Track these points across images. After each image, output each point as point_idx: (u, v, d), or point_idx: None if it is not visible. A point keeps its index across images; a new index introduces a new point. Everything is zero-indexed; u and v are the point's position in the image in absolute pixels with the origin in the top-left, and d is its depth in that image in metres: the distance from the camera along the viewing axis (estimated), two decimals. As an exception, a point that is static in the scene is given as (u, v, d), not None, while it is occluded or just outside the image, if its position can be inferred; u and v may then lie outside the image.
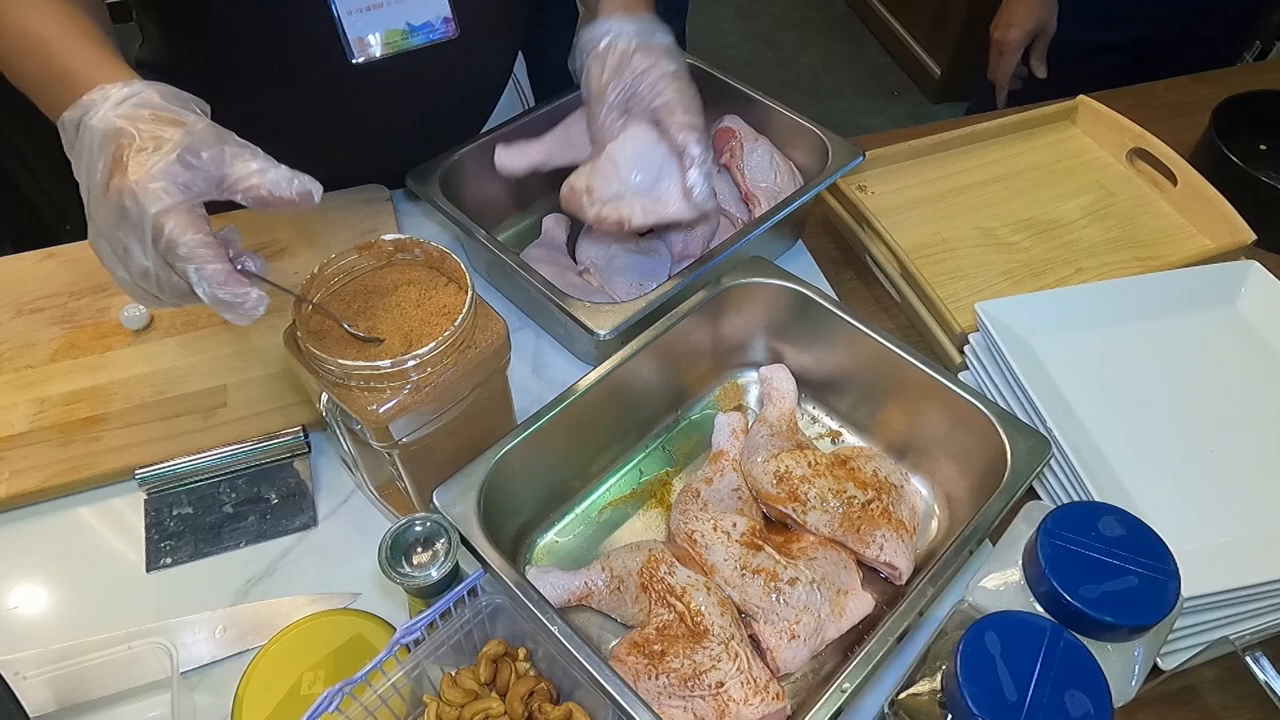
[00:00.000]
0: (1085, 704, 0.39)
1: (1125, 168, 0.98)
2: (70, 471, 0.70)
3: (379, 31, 0.73)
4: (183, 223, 0.49)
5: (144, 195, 0.48)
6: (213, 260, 0.49)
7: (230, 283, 0.50)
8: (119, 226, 0.50)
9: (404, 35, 0.74)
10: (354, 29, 0.72)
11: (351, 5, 0.71)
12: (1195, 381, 0.74)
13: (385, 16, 0.73)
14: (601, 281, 0.81)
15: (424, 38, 0.75)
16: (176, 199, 0.49)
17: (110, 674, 0.60)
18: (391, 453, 0.59)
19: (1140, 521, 0.46)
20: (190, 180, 0.50)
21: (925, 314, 0.82)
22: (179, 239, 0.49)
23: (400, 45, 0.75)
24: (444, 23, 0.75)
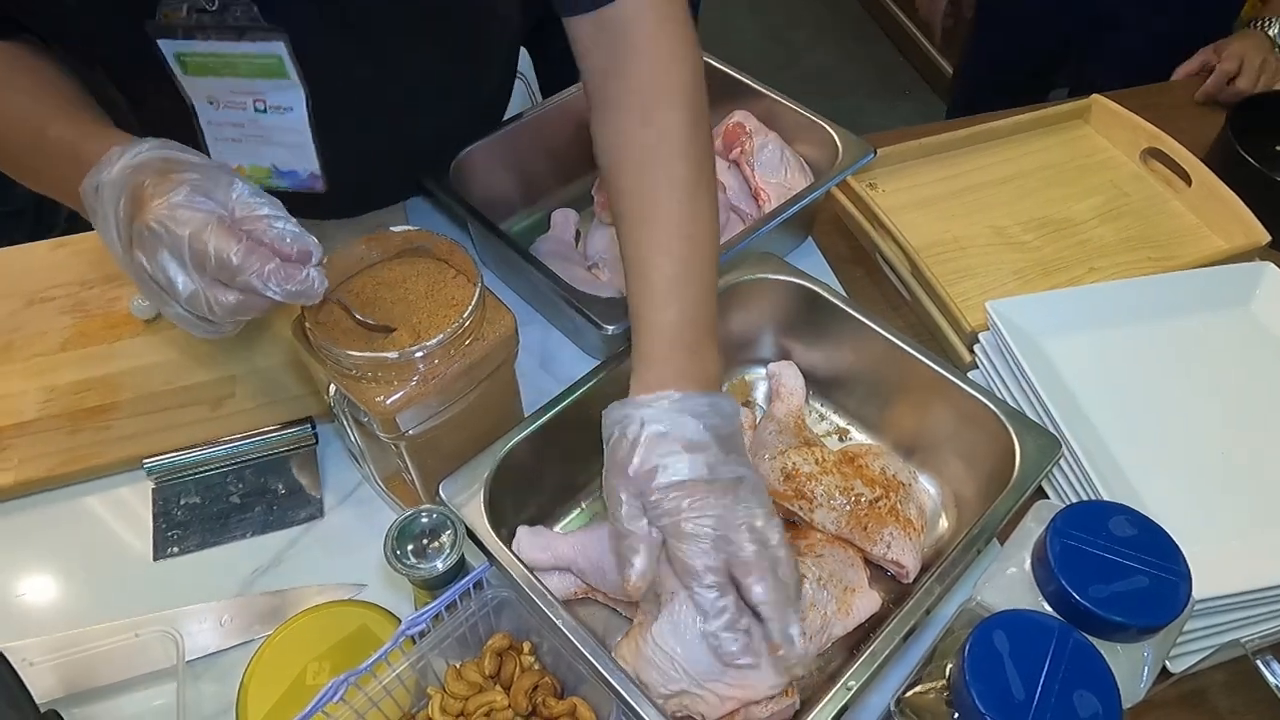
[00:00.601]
0: (1094, 704, 0.39)
1: (1139, 167, 0.97)
2: (79, 460, 0.70)
3: (245, 164, 0.70)
4: (222, 236, 0.48)
5: (172, 221, 0.48)
6: (267, 259, 0.48)
7: (294, 274, 0.49)
8: (155, 258, 0.49)
9: (269, 175, 0.71)
10: (219, 155, 0.69)
11: (218, 134, 0.68)
12: (1208, 383, 0.73)
13: (251, 153, 0.69)
14: (610, 276, 0.81)
15: (289, 183, 0.72)
16: (206, 218, 0.48)
17: (116, 661, 0.60)
18: (398, 444, 0.59)
19: (1151, 521, 0.45)
20: (212, 205, 0.50)
21: (935, 312, 0.82)
22: (226, 252, 0.48)
23: (265, 183, 0.71)
24: (311, 176, 0.71)
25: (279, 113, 0.66)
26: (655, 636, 0.54)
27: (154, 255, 0.49)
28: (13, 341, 0.78)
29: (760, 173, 0.85)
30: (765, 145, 0.85)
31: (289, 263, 0.49)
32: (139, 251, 0.50)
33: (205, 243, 0.48)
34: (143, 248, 0.49)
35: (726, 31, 2.77)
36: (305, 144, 0.69)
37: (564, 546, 0.61)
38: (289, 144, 0.68)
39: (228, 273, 0.49)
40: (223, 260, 0.48)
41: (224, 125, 0.68)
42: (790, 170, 0.85)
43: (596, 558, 0.60)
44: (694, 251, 0.58)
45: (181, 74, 0.64)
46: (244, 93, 0.65)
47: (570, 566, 0.62)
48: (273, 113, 0.66)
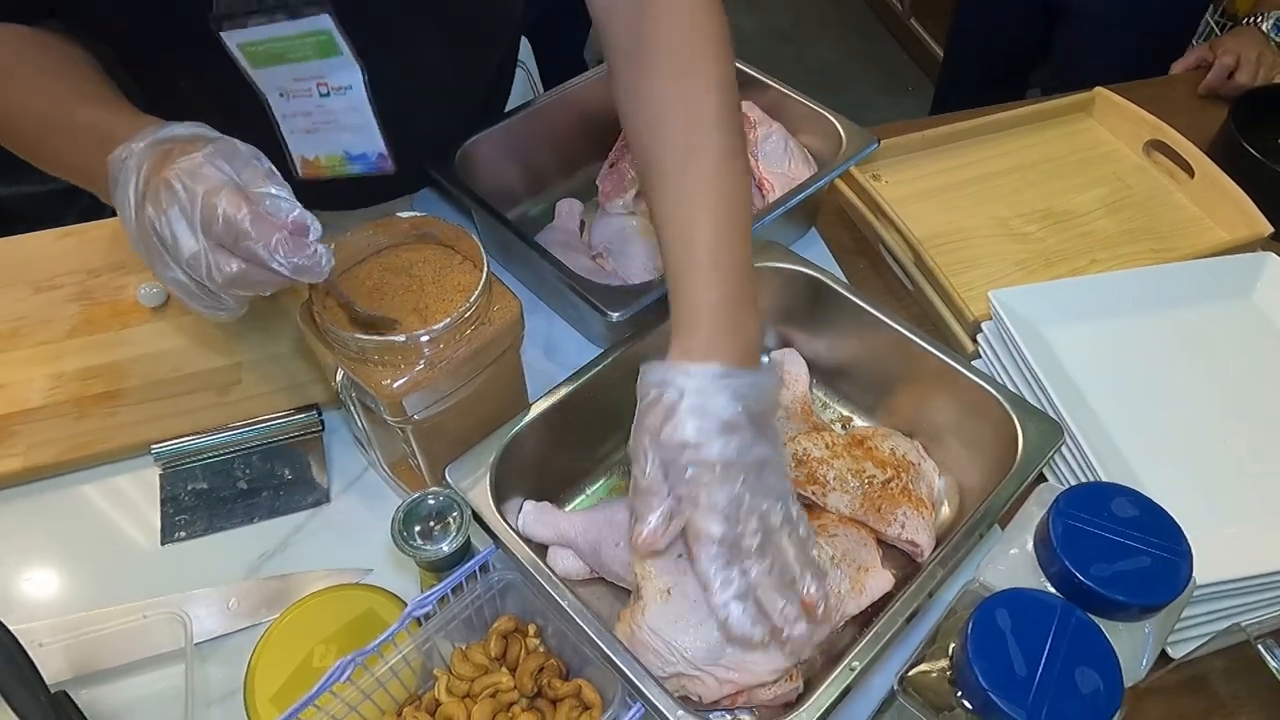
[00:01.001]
0: (1096, 680, 0.39)
1: (1141, 159, 0.98)
2: (86, 445, 0.71)
3: (321, 154, 0.71)
4: (234, 199, 0.48)
5: (189, 177, 0.48)
6: (275, 229, 0.48)
7: (299, 247, 0.49)
8: (165, 213, 0.49)
9: (342, 161, 0.72)
10: (297, 147, 0.71)
11: (294, 126, 0.69)
12: (1209, 372, 0.73)
13: (324, 141, 0.70)
14: (615, 265, 0.81)
15: (361, 167, 0.72)
16: (221, 180, 0.49)
17: (124, 643, 0.61)
18: (405, 429, 0.60)
19: (1152, 502, 0.46)
20: (230, 171, 0.50)
21: (938, 302, 0.82)
22: (236, 215, 0.47)
23: (340, 170, 0.72)
24: (379, 158, 0.72)
25: (340, 94, 0.67)
26: (650, 622, 0.55)
27: (164, 210, 0.49)
28: (20, 329, 0.78)
29: (764, 163, 0.85)
30: (769, 136, 0.86)
31: (298, 236, 0.49)
32: (149, 207, 0.50)
33: (216, 204, 0.48)
34: (154, 202, 0.49)
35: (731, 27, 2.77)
36: (368, 123, 0.69)
37: (567, 525, 0.62)
38: (354, 125, 0.69)
39: (233, 236, 0.48)
40: (230, 222, 0.48)
41: (296, 116, 0.68)
42: (794, 161, 0.86)
43: (596, 540, 0.61)
44: (735, 217, 0.58)
45: (251, 68, 0.65)
46: (307, 77, 0.66)
47: (571, 545, 0.62)
48: (335, 95, 0.67)
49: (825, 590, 0.52)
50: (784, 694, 0.56)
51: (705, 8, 0.61)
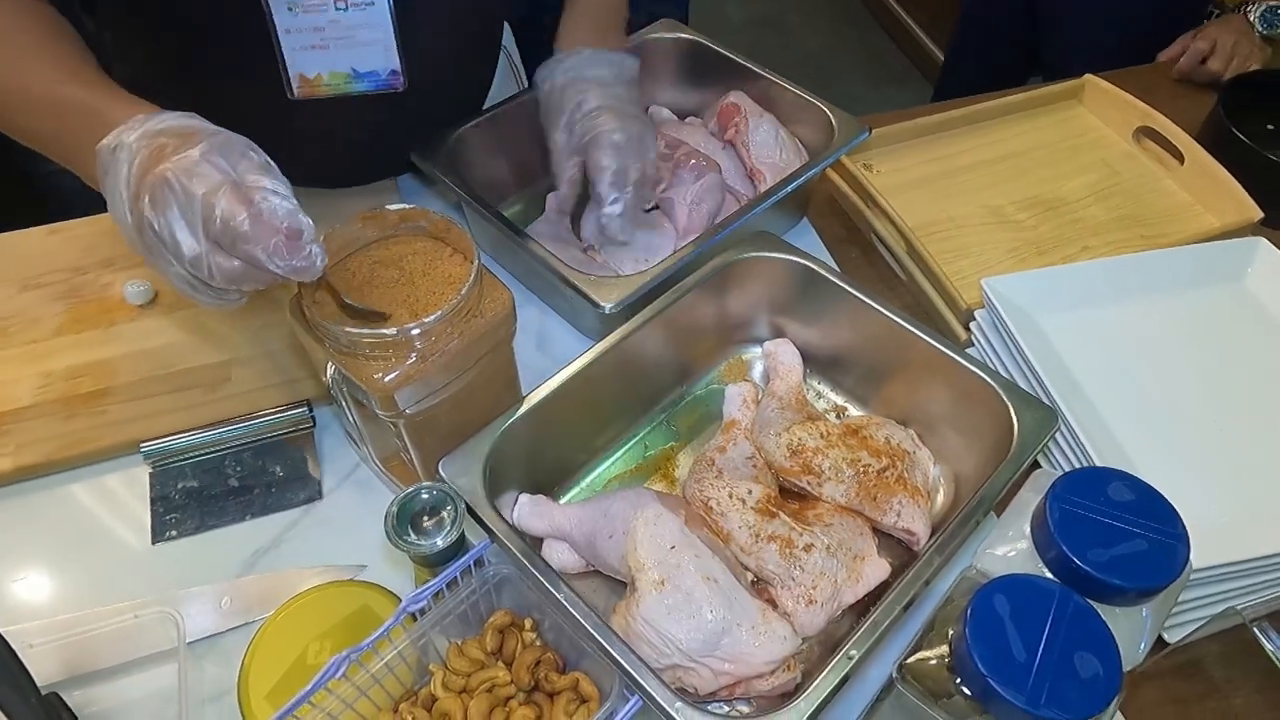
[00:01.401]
0: (1095, 665, 0.39)
1: (1131, 146, 0.98)
2: (75, 445, 0.70)
3: (325, 71, 0.71)
4: (233, 200, 0.48)
5: (188, 177, 0.48)
6: (272, 233, 0.49)
7: (296, 250, 0.49)
8: (164, 214, 0.49)
9: (347, 79, 0.71)
10: (296, 65, 0.70)
11: (297, 42, 0.69)
12: (1203, 358, 0.73)
13: (330, 58, 0.70)
14: (606, 257, 0.81)
15: (369, 85, 0.73)
16: (219, 179, 0.49)
17: (117, 643, 0.60)
18: (397, 423, 0.59)
19: (1148, 486, 0.46)
20: (226, 167, 0.50)
21: (931, 291, 0.82)
22: (235, 218, 0.48)
23: (343, 89, 0.72)
24: (391, 75, 0.72)
25: (361, 8, 0.67)
26: (644, 614, 0.55)
27: (163, 210, 0.49)
28: (6, 328, 0.77)
29: (756, 153, 0.85)
30: (760, 126, 0.85)
31: (292, 239, 0.49)
32: (147, 205, 0.49)
33: (215, 205, 0.48)
34: (152, 201, 0.49)
35: (719, 17, 2.76)
36: (387, 39, 0.70)
37: (561, 517, 0.62)
38: (371, 41, 0.70)
39: (231, 238, 0.49)
40: (229, 226, 0.48)
41: (303, 31, 0.68)
42: (786, 150, 0.85)
43: (591, 532, 0.61)
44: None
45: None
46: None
47: (566, 537, 0.62)
48: (354, 9, 0.67)
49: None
50: (782, 684, 0.56)
51: None
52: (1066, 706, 0.38)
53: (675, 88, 0.96)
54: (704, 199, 0.80)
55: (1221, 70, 1.08)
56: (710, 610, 0.55)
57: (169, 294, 0.80)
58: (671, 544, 0.58)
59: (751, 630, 0.56)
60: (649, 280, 0.71)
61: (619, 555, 0.59)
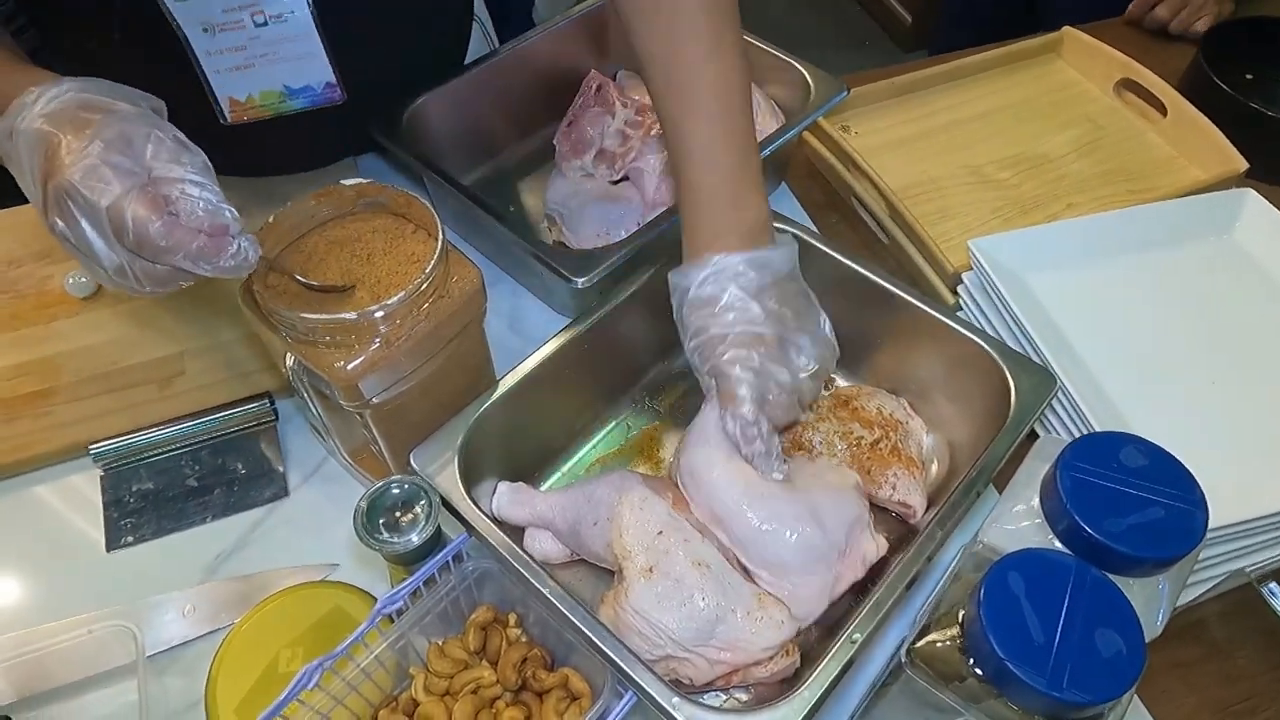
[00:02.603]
0: (1117, 641, 0.37)
1: (1113, 100, 0.95)
2: (18, 449, 0.66)
3: (255, 92, 0.66)
4: (142, 209, 0.44)
5: (86, 187, 0.44)
6: (192, 235, 0.45)
7: (224, 249, 0.46)
8: (73, 229, 0.45)
9: (281, 98, 0.67)
10: (224, 88, 0.65)
11: (220, 64, 0.64)
12: (1195, 313, 0.72)
13: (259, 77, 0.65)
14: (567, 231, 0.77)
15: (305, 101, 0.68)
16: (125, 184, 0.44)
17: (72, 660, 0.57)
18: (363, 414, 0.56)
19: (1163, 450, 0.43)
20: (130, 165, 0.45)
21: (916, 255, 0.80)
22: (147, 230, 0.44)
23: (279, 108, 0.68)
24: (327, 88, 0.67)
25: (280, 22, 0.62)
26: (634, 604, 0.52)
27: (73, 223, 0.45)
28: (-63, 327, 0.72)
29: (730, 116, 0.81)
30: (734, 87, 0.82)
31: (216, 237, 0.45)
32: (56, 217, 0.45)
33: (124, 217, 0.44)
34: (61, 213, 0.45)
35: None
36: (314, 51, 0.65)
37: (543, 505, 0.59)
38: (296, 55, 0.64)
39: (150, 250, 0.45)
40: (143, 237, 0.44)
41: (224, 53, 0.63)
42: (761, 113, 0.82)
43: (575, 519, 0.58)
44: (727, 109, 0.57)
45: (172, 1, 0.59)
46: (239, 7, 0.60)
47: (548, 526, 0.59)
48: (273, 23, 0.62)
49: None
50: (781, 670, 0.54)
51: None
52: (1090, 688, 0.36)
53: (644, 50, 0.92)
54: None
55: (1167, 17, 1.07)
56: (702, 597, 0.53)
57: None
58: (659, 528, 0.55)
59: (747, 616, 0.53)
60: (624, 252, 0.67)
61: (604, 542, 0.56)
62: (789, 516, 0.55)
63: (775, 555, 0.54)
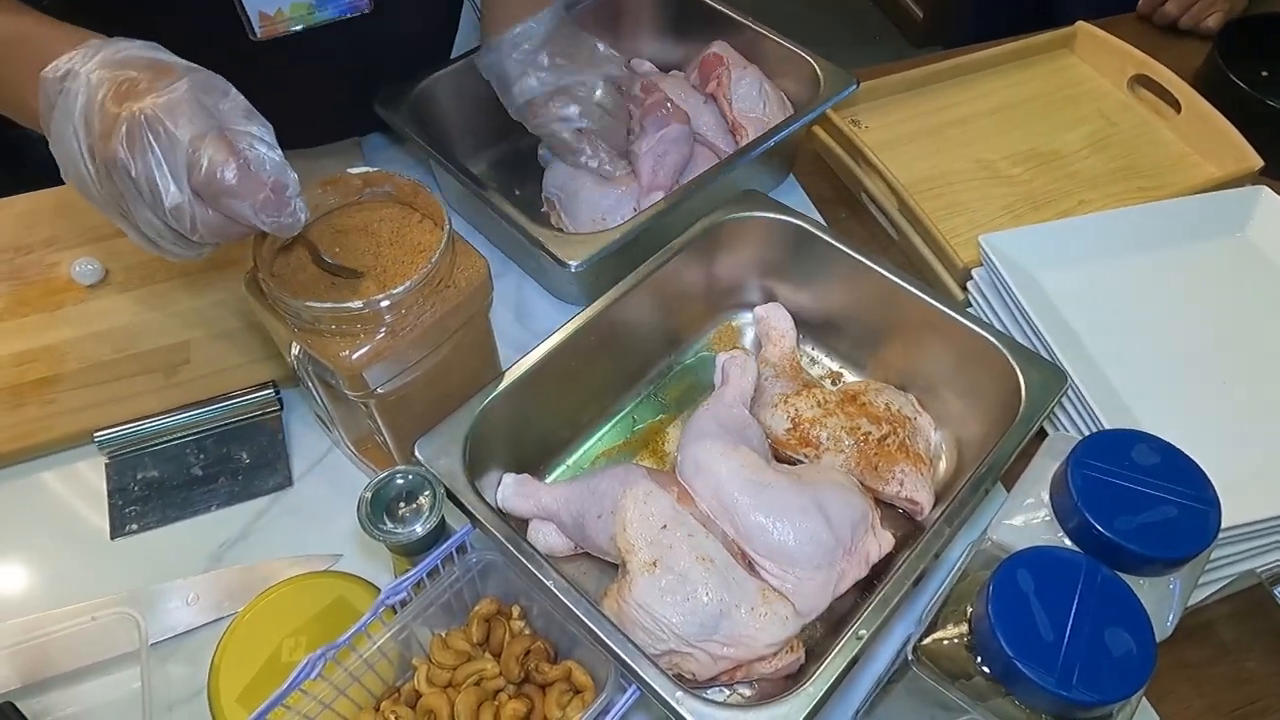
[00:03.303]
0: (1127, 641, 0.37)
1: (1126, 96, 0.94)
2: (24, 436, 0.66)
3: (285, 5, 0.67)
4: (220, 151, 0.44)
5: (172, 117, 0.44)
6: (260, 187, 0.45)
7: (285, 205, 0.46)
8: (142, 156, 0.44)
9: (310, 9, 0.67)
10: (255, 2, 0.66)
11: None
12: (1207, 311, 0.71)
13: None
14: (565, 216, 0.77)
15: (333, 11, 0.68)
16: (207, 124, 0.45)
17: (75, 647, 0.57)
18: (368, 404, 0.55)
19: (1175, 449, 0.43)
20: (212, 108, 0.46)
21: (925, 250, 0.79)
22: (221, 172, 0.44)
23: (308, 19, 0.68)
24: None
25: None
26: (637, 598, 0.52)
27: (140, 153, 0.44)
28: (-56, 314, 0.72)
29: (738, 106, 0.81)
30: (743, 78, 0.81)
31: (279, 194, 0.46)
32: (121, 146, 0.44)
33: (201, 154, 0.44)
34: (129, 143, 0.44)
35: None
36: None
37: (548, 497, 0.58)
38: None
39: (214, 190, 0.45)
40: (214, 177, 0.44)
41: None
42: (770, 104, 0.81)
43: (579, 511, 0.58)
44: None
45: None
46: None
47: (553, 518, 0.59)
48: None
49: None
50: (785, 666, 0.53)
51: None
52: (1099, 687, 0.36)
53: (657, 39, 0.91)
54: (669, 151, 0.76)
55: (1177, 14, 1.06)
56: (706, 592, 0.52)
57: (120, 273, 0.75)
58: (663, 523, 0.55)
59: (751, 611, 0.53)
60: (619, 237, 0.67)
61: (608, 536, 0.56)
62: (795, 508, 0.54)
63: (780, 545, 0.54)
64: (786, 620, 0.53)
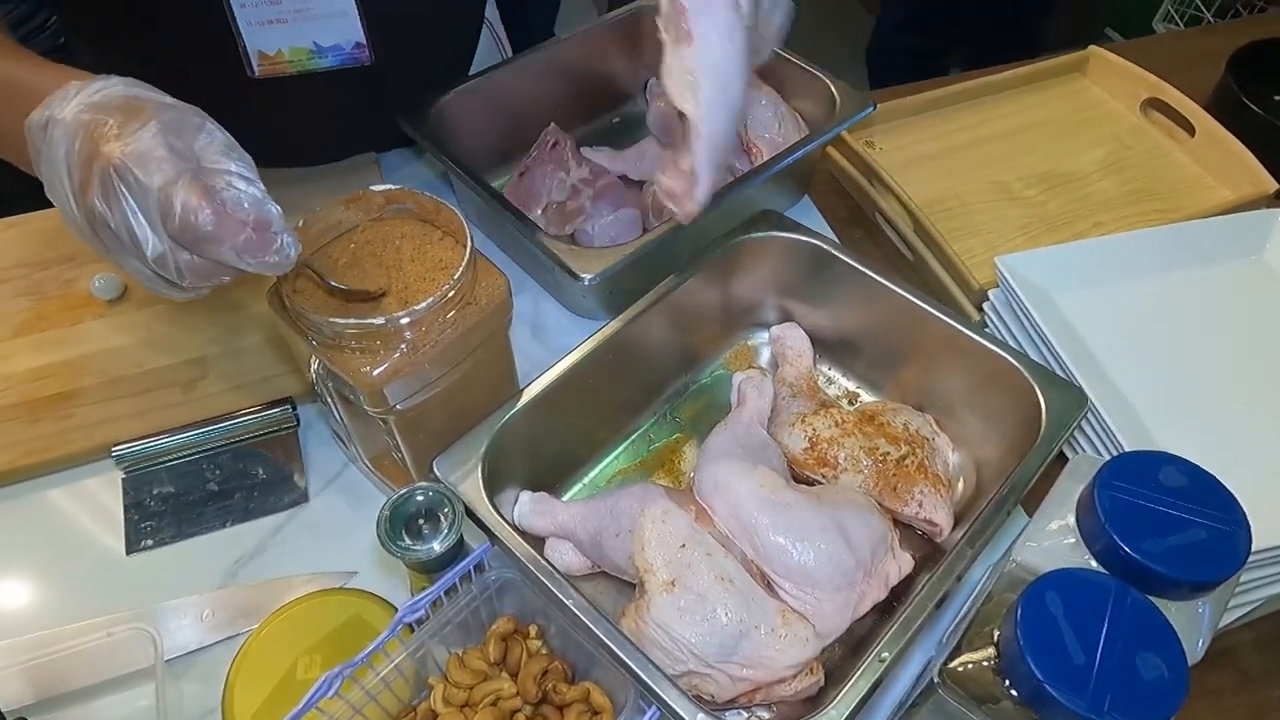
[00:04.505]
0: (1159, 666, 0.36)
1: (1139, 119, 0.95)
2: (41, 450, 0.66)
3: (285, 47, 0.67)
4: (192, 195, 0.43)
5: (139, 167, 0.43)
6: (239, 229, 0.44)
7: (268, 244, 0.45)
8: (117, 207, 0.44)
9: (309, 55, 0.68)
10: (255, 41, 0.66)
11: (253, 16, 0.65)
12: (1225, 334, 0.71)
13: (291, 33, 0.67)
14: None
15: (333, 60, 0.69)
16: (178, 168, 0.44)
17: (90, 663, 0.56)
18: (387, 420, 0.55)
19: (1203, 471, 0.42)
20: (183, 150, 0.45)
21: (941, 271, 0.79)
22: (196, 217, 0.43)
23: (306, 65, 0.69)
24: (355, 48, 0.68)
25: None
26: (656, 617, 0.51)
27: (115, 204, 0.44)
28: (-37, 328, 0.73)
29: (752, 128, 0.81)
30: (758, 99, 0.82)
31: (261, 232, 0.45)
32: (96, 198, 0.44)
33: (174, 200, 0.43)
34: (104, 194, 0.44)
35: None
36: (347, 10, 0.66)
37: (565, 515, 0.58)
38: (329, 13, 0.66)
39: (191, 236, 0.44)
40: (189, 224, 0.44)
41: (259, 5, 0.64)
42: (785, 126, 0.82)
43: (596, 530, 0.57)
44: None
45: None
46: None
47: (570, 537, 0.59)
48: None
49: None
50: (805, 689, 0.53)
51: None
52: (1132, 713, 0.35)
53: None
54: (621, 234, 0.76)
55: None
56: (725, 612, 0.52)
57: (139, 288, 0.75)
58: (682, 542, 0.55)
59: (770, 633, 0.52)
60: (632, 251, 0.67)
61: (626, 554, 0.56)
62: (815, 527, 0.54)
63: (800, 566, 0.53)
64: (807, 642, 0.52)
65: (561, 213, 0.78)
